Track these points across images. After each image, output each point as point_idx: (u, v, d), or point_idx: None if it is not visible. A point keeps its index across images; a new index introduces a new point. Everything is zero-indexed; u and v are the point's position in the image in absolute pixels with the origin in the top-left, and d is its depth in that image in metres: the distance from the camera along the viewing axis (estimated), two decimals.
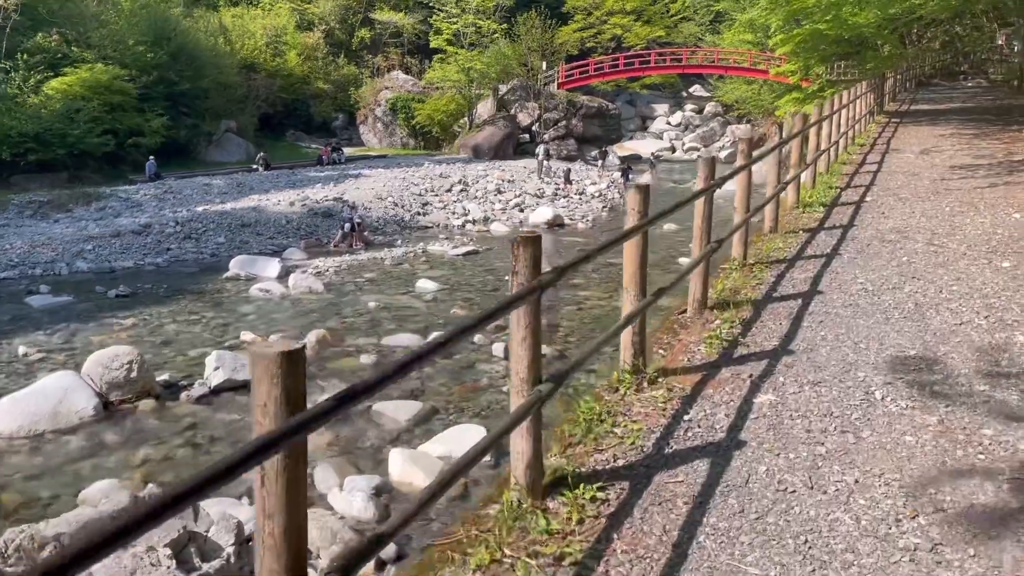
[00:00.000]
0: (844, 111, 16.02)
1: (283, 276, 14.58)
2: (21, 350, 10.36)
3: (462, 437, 7.33)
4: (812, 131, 12.53)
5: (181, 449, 7.73)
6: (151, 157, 24.98)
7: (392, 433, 7.85)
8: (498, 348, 9.98)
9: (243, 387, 8.96)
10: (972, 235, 9.07)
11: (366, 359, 9.85)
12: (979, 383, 5.07)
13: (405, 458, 6.93)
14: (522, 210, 22.15)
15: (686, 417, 4.69)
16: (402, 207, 21.16)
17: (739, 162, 8.24)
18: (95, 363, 8.67)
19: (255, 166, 27.35)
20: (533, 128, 35.55)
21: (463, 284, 14.08)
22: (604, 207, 23.76)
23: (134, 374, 8.65)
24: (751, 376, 5.25)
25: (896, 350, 5.65)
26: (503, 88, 35.80)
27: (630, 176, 28.12)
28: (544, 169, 27.61)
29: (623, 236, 5.15)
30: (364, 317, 11.96)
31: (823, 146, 13.80)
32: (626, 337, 5.32)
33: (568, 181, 26.64)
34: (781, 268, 8.05)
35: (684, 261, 14.96)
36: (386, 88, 37.70)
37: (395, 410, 8.16)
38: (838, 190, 12.27)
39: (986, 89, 36.18)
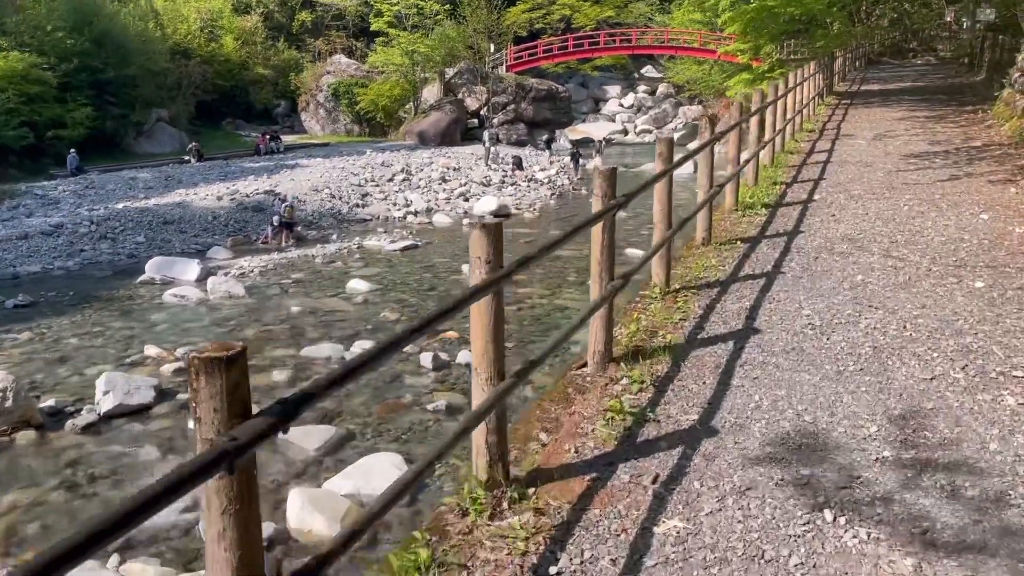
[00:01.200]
0: (791, 95, 15.26)
1: (203, 279, 13.54)
2: None
3: (374, 468, 6.49)
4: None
5: (56, 492, 6.75)
6: (72, 150, 23.53)
7: (299, 465, 6.97)
8: (427, 359, 9.14)
9: (137, 413, 8.03)
10: (936, 243, 7.92)
11: (280, 375, 8.94)
12: (967, 486, 3.62)
13: (305, 500, 6.06)
14: (467, 199, 21.26)
15: (552, 572, 3.20)
16: (340, 199, 20.13)
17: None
18: None
19: (187, 157, 26.03)
20: (481, 112, 34.58)
21: (398, 283, 13.18)
22: (553, 194, 22.98)
23: (9, 403, 7.63)
24: (657, 480, 3.81)
25: (851, 426, 4.27)
26: (450, 72, 34.74)
27: (580, 161, 27.37)
28: (491, 155, 26.72)
29: (590, 221, 4.85)
30: (286, 324, 11.01)
31: (767, 136, 12.86)
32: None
33: (519, 167, 25.78)
34: (712, 295, 6.66)
35: (631, 252, 14.27)
36: (328, 73, 36.39)
37: (304, 437, 7.28)
38: (783, 186, 11.28)
39: (936, 67, 36.08)
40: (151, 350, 9.85)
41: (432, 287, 12.79)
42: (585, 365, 5.38)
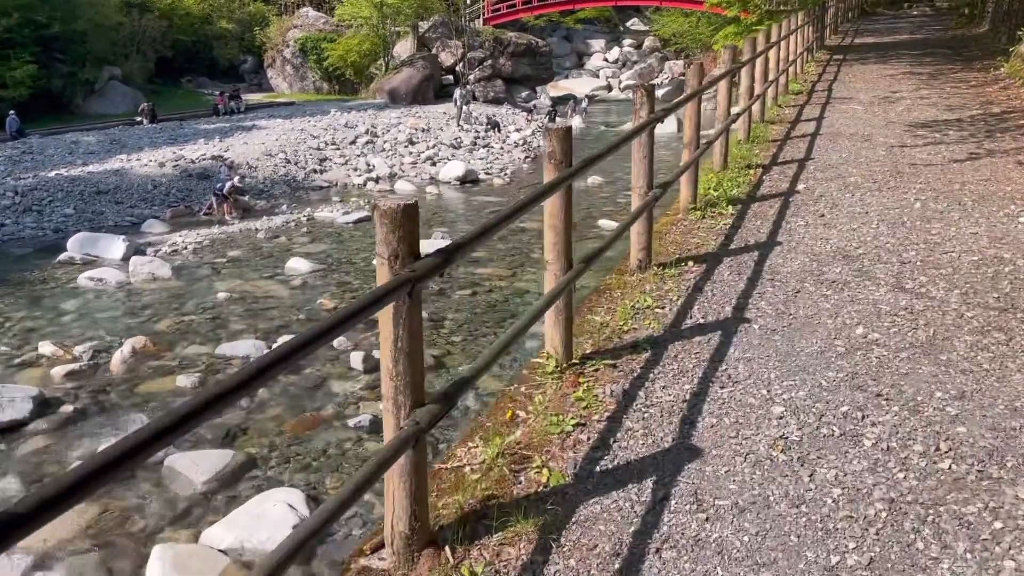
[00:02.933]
0: (775, 50, 13.60)
1: (130, 256, 12.24)
2: None
3: (266, 514, 5.31)
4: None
5: None
6: (12, 112, 21.87)
7: (181, 504, 5.78)
8: (357, 359, 7.93)
9: (6, 432, 6.81)
10: (966, 266, 5.68)
11: (185, 380, 7.70)
12: None
13: (170, 560, 4.88)
14: (434, 163, 19.87)
15: None
16: (295, 164, 18.70)
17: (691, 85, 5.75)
18: None
19: (139, 119, 24.39)
20: (457, 69, 32.88)
21: (344, 262, 11.90)
22: (527, 156, 21.59)
23: None
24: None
25: None
26: (423, 25, 32.95)
27: (556, 119, 25.94)
28: (463, 115, 25.22)
29: (538, 196, 3.93)
30: (208, 313, 9.75)
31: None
32: (551, 317, 4.38)
33: (495, 129, 24.33)
34: (634, 369, 4.34)
35: (604, 223, 13.01)
36: (295, 27, 34.52)
37: (193, 465, 6.08)
38: (759, 170, 9.12)
39: (933, 18, 34.57)
40: (46, 348, 8.59)
41: None
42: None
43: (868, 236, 6.46)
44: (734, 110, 10.33)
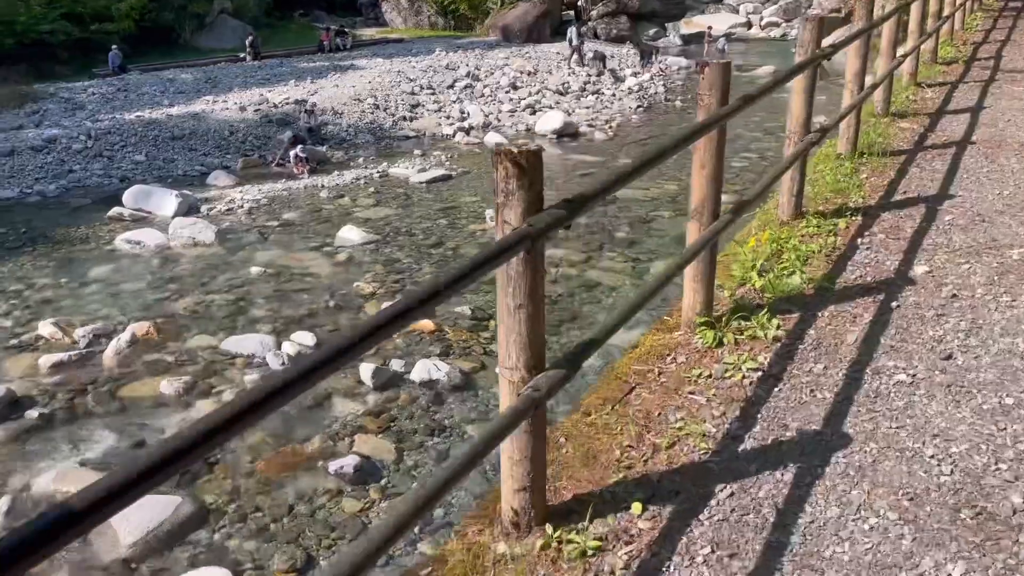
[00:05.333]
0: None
1: (183, 213, 11.38)
2: None
3: None
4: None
5: None
6: (113, 47, 21.64)
7: (94, 573, 4.67)
8: (368, 371, 6.59)
9: None
10: None
11: (169, 386, 6.59)
12: None
13: None
14: (534, 112, 18.15)
15: None
16: (384, 110, 17.44)
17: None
18: None
19: (243, 55, 23.78)
20: (578, 3, 30.62)
21: (402, 232, 10.56)
22: (639, 106, 19.45)
23: None
24: None
25: None
26: None
27: (651, 61, 23.71)
28: (577, 57, 23.15)
29: (690, 135, 3.66)
30: (233, 293, 8.66)
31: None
32: (691, 271, 4.22)
33: (601, 63, 22.25)
34: (780, 336, 4.11)
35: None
36: None
37: (122, 521, 4.93)
38: (854, 220, 5.83)
39: None
40: (46, 328, 7.73)
41: (439, 242, 10.10)
42: None
43: None
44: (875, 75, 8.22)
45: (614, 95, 20.30)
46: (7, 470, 5.58)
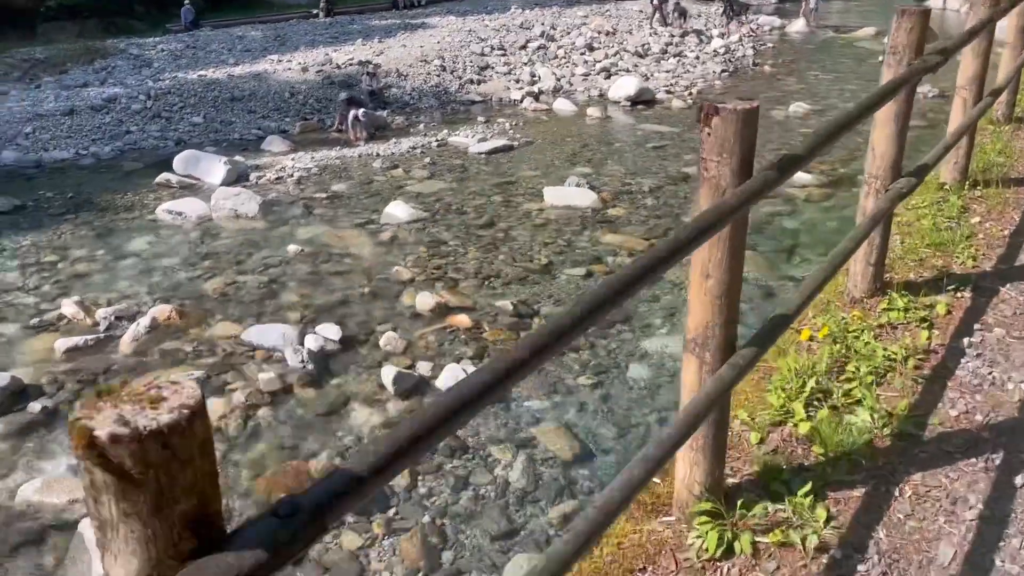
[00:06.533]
0: None
1: (232, 182, 10.98)
2: None
3: None
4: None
5: None
6: (187, 2, 21.42)
7: None
8: (390, 375, 5.97)
9: None
10: None
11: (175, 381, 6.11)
12: None
13: None
14: (610, 76, 17.11)
15: None
16: (452, 72, 16.68)
17: None
18: None
19: (315, 11, 23.30)
20: None
21: (452, 210, 9.87)
22: (724, 71, 18.15)
23: None
24: None
25: None
26: None
27: (736, 14, 22.16)
28: (660, 16, 21.80)
29: (883, 95, 3.49)
30: (267, 274, 8.16)
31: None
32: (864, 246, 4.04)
33: (682, 17, 20.92)
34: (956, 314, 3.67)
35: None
36: None
37: None
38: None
39: None
40: (69, 308, 7.37)
41: (490, 222, 9.37)
42: None
43: None
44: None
45: (697, 58, 19.03)
46: None
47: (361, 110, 13.22)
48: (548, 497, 4.92)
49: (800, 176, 10.15)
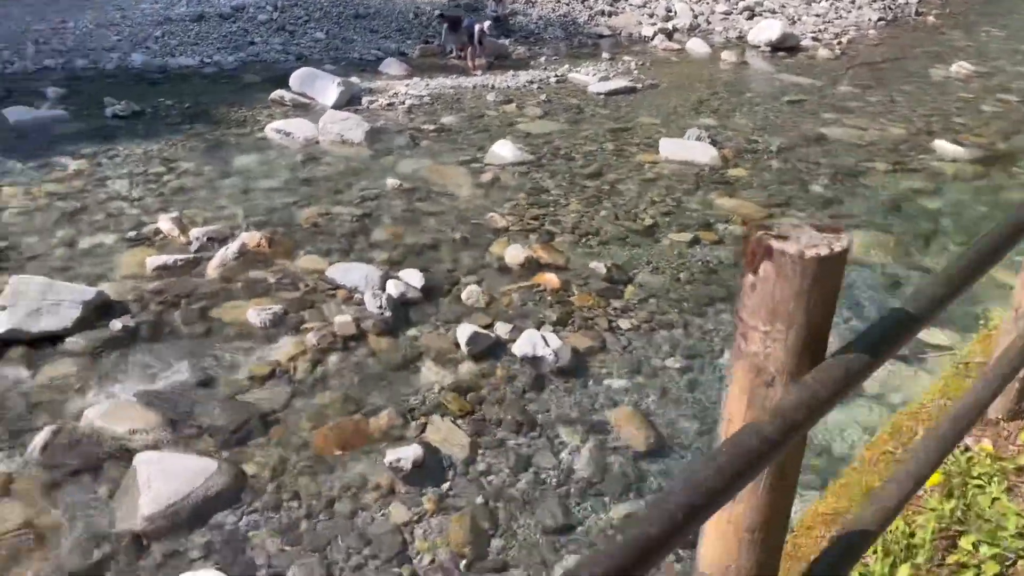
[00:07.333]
0: None
1: (343, 104, 10.81)
2: None
3: None
4: None
5: None
6: None
7: (105, 544, 4.18)
8: (465, 333, 5.66)
9: (42, 341, 5.65)
10: None
11: (256, 316, 5.98)
12: None
13: None
14: (752, 16, 15.89)
15: None
16: (582, 2, 15.86)
17: None
18: None
19: None
20: None
21: (560, 155, 9.37)
22: (881, 19, 16.54)
23: None
24: None
25: None
26: None
27: None
28: None
29: None
30: (363, 207, 7.96)
31: None
32: None
33: None
34: None
35: (941, 145, 8.69)
36: None
37: (147, 484, 4.40)
38: None
39: None
40: (165, 223, 7.39)
41: (598, 172, 8.83)
42: None
43: None
44: None
45: (853, 2, 17.41)
46: (68, 390, 5.24)
47: (480, 36, 12.63)
48: (613, 492, 4.55)
49: (949, 148, 9.12)
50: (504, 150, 9.19)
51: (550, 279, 6.52)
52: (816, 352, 1.54)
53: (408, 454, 4.63)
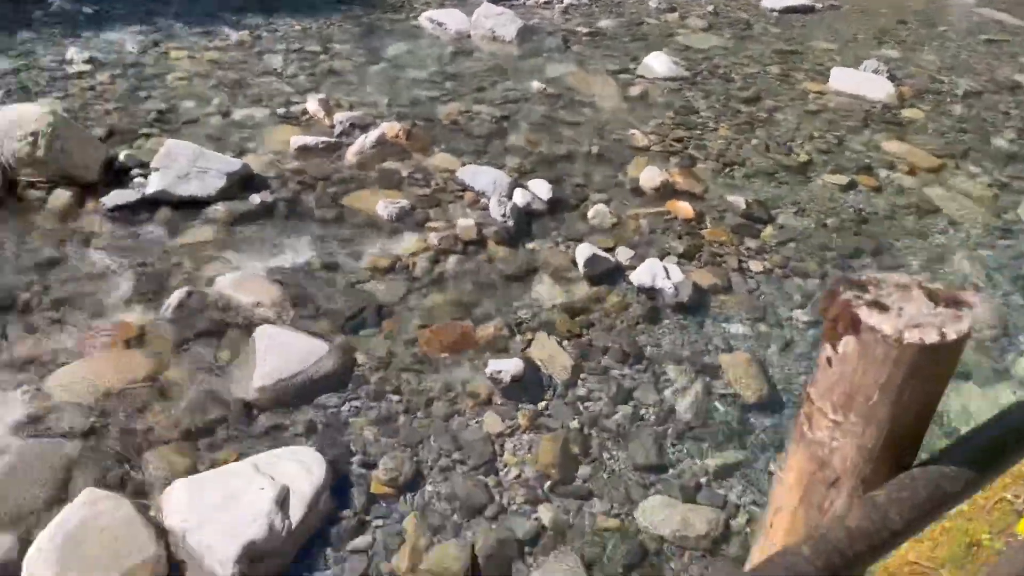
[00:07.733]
0: None
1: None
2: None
3: (237, 495, 3.71)
4: None
5: None
6: None
7: (221, 426, 4.44)
8: (584, 253, 5.52)
9: (182, 207, 5.94)
10: None
11: (383, 209, 6.05)
12: None
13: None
14: None
15: None
16: None
17: None
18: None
19: None
20: None
21: (718, 74, 8.82)
22: None
23: (40, 152, 6.02)
24: None
25: None
26: None
27: None
28: None
29: None
30: (504, 108, 7.81)
31: None
32: None
33: None
34: None
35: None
36: None
37: (265, 355, 4.60)
38: None
39: None
40: (312, 104, 7.53)
41: (756, 96, 8.28)
42: None
43: None
44: None
45: None
46: (204, 256, 5.51)
47: None
48: (713, 440, 4.40)
49: None
50: (657, 63, 8.74)
51: (683, 207, 6.23)
52: (901, 457, 1.22)
53: (509, 367, 4.62)
